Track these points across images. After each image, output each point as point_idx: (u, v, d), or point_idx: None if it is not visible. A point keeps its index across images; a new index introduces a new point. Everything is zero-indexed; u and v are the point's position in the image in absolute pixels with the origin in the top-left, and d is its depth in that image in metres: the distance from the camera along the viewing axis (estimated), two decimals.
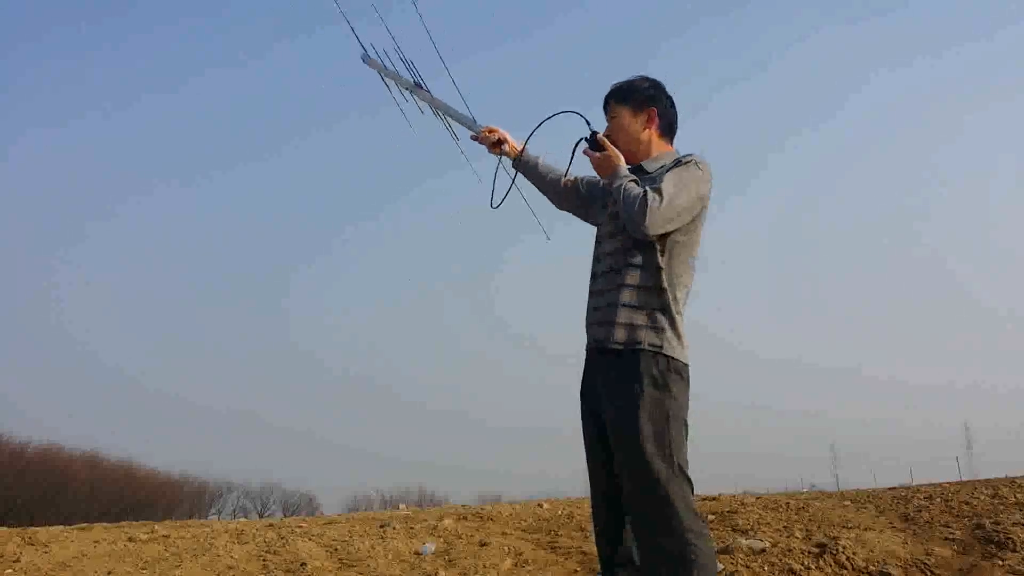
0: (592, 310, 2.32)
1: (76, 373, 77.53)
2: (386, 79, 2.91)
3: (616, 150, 2.34)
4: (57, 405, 74.45)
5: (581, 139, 2.47)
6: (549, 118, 2.48)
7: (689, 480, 2.08)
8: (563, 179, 2.63)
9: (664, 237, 2.18)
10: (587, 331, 2.34)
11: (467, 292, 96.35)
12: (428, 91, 2.84)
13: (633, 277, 2.20)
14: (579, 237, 2.65)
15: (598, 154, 2.37)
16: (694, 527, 2.00)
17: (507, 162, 2.69)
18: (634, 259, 2.21)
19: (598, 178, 2.53)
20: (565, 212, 2.66)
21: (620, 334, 2.17)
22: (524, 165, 2.64)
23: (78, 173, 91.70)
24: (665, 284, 2.18)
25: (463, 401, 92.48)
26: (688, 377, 2.20)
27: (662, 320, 2.17)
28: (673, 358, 2.16)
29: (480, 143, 2.72)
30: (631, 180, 2.23)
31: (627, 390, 2.11)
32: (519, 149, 2.66)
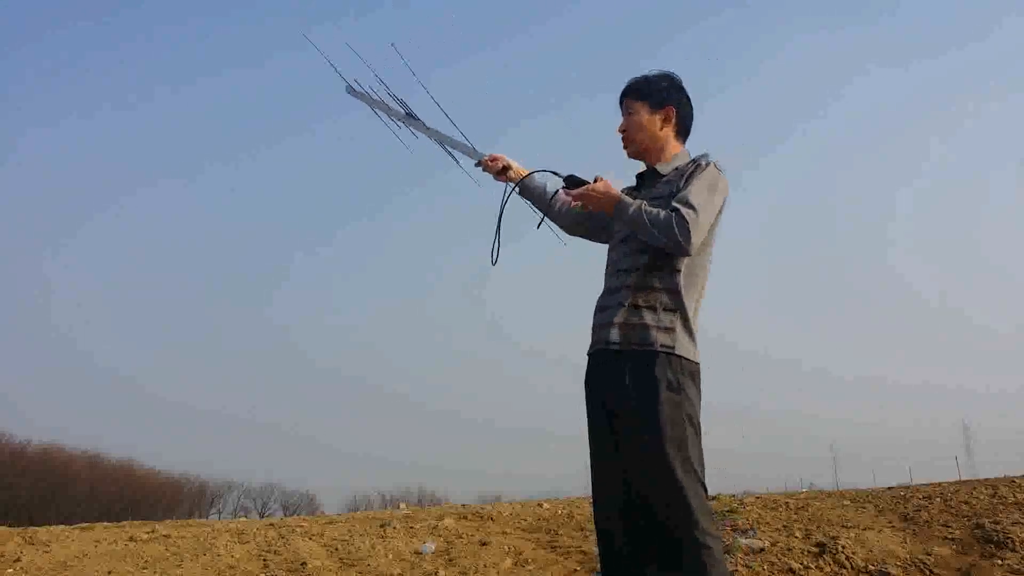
0: (600, 312, 2.27)
1: (76, 373, 77.58)
2: (376, 110, 2.86)
3: (605, 180, 2.26)
4: (57, 405, 74.48)
5: (557, 190, 2.39)
6: (514, 189, 2.54)
7: (703, 483, 2.07)
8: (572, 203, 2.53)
9: None
10: (595, 332, 2.27)
11: (465, 292, 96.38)
12: (422, 121, 2.78)
13: (648, 279, 2.17)
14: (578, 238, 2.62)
15: (581, 189, 2.26)
16: (710, 529, 2.01)
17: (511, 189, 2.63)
18: (650, 262, 2.18)
19: None
20: (576, 237, 2.58)
21: (632, 334, 2.14)
22: (530, 192, 2.58)
23: (76, 173, 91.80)
24: (681, 286, 2.16)
25: (463, 401, 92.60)
26: (700, 379, 2.18)
27: (675, 320, 2.14)
28: (686, 359, 2.13)
29: (485, 171, 2.65)
30: (642, 202, 2.16)
31: (644, 392, 2.08)
32: (524, 175, 2.59)
